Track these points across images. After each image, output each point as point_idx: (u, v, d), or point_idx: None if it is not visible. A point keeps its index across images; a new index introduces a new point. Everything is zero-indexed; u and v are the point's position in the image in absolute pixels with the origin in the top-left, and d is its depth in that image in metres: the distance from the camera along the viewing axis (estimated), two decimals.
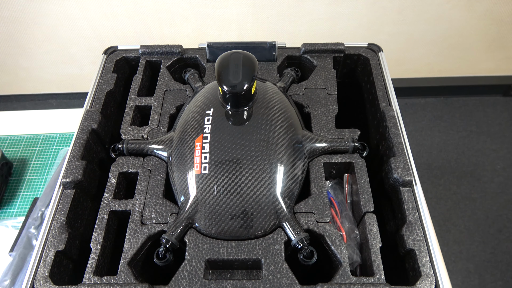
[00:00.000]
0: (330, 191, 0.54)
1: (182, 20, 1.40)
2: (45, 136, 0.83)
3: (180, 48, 0.67)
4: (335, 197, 0.53)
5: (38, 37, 1.48)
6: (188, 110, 0.57)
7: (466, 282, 1.27)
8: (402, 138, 0.54)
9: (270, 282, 0.43)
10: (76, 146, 0.54)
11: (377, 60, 0.65)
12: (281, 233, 0.47)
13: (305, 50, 0.66)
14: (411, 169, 0.51)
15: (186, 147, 0.51)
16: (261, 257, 0.45)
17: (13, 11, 1.37)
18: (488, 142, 1.61)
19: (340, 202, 0.52)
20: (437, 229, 0.47)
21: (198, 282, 0.43)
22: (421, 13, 1.40)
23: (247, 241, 0.46)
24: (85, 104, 0.61)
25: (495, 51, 1.60)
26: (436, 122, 1.70)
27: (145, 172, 0.52)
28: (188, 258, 0.45)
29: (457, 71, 1.70)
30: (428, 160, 1.58)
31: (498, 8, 1.39)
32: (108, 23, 1.41)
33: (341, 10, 1.37)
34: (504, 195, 1.46)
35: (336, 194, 0.54)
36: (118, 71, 0.67)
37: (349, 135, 0.55)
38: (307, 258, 0.44)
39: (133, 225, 0.48)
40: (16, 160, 0.79)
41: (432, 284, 0.42)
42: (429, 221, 0.47)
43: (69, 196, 0.50)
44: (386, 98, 0.60)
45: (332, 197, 0.53)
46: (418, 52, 1.59)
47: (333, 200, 0.52)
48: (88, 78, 0.64)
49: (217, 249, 0.45)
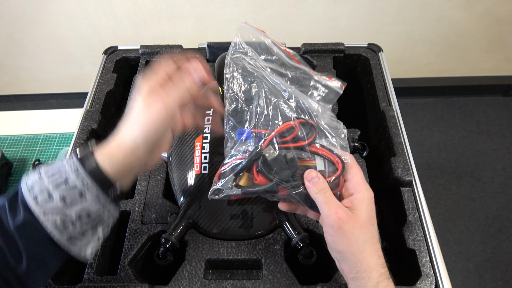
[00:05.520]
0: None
1: (182, 20, 1.40)
2: (45, 136, 0.83)
3: (180, 48, 0.67)
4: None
5: (38, 37, 1.48)
6: None
7: (466, 282, 1.27)
8: (402, 138, 0.54)
9: (270, 282, 0.43)
10: (76, 146, 0.54)
11: (377, 60, 0.65)
12: (281, 233, 0.47)
13: (305, 50, 0.66)
14: (411, 169, 0.51)
15: (186, 147, 0.51)
16: (261, 257, 0.45)
17: (13, 11, 1.37)
18: (488, 142, 1.61)
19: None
20: (437, 229, 0.47)
21: (198, 282, 0.43)
22: (421, 13, 1.40)
23: (247, 241, 0.46)
24: (85, 104, 0.61)
25: (495, 51, 1.59)
26: (436, 122, 1.70)
27: (145, 172, 0.52)
28: (188, 258, 0.45)
29: (457, 71, 1.70)
30: (428, 160, 1.57)
31: (498, 8, 1.39)
32: (108, 23, 1.41)
33: (341, 10, 1.37)
34: (504, 195, 1.46)
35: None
36: (118, 71, 0.67)
37: (349, 135, 0.55)
38: (307, 258, 0.44)
39: (133, 225, 0.48)
40: (16, 160, 0.79)
41: (432, 284, 0.42)
42: (429, 221, 0.47)
43: None
44: (386, 98, 0.60)
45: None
46: (418, 52, 1.59)
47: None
48: (88, 78, 0.64)
49: (217, 249, 0.45)
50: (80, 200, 0.32)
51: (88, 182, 0.32)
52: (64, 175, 0.33)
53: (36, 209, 0.31)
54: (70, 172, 0.33)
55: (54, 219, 0.31)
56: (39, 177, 0.33)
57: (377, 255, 0.35)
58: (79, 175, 0.32)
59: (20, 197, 0.32)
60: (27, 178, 0.33)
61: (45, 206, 0.31)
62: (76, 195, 0.32)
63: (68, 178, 0.32)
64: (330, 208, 0.35)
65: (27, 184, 0.32)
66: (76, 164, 0.33)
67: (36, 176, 0.33)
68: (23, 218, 0.31)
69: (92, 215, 0.33)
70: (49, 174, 0.33)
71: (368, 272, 0.34)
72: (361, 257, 0.34)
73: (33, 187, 0.32)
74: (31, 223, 0.31)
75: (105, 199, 0.33)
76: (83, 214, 0.32)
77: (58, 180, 0.32)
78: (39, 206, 0.31)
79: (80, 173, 0.33)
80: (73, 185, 0.32)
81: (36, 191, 0.32)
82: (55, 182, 0.32)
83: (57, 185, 0.32)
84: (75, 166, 0.33)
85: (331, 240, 0.35)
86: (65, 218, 0.32)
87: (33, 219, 0.31)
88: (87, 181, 0.32)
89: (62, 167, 0.33)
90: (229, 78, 0.39)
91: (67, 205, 0.32)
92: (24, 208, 0.31)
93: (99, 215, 0.34)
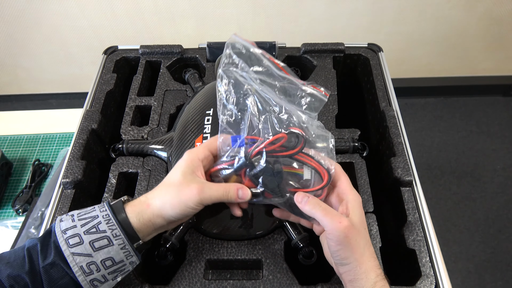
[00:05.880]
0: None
1: (182, 20, 1.40)
2: (45, 136, 0.83)
3: (180, 48, 0.67)
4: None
5: (38, 37, 1.48)
6: (188, 110, 0.57)
7: (466, 282, 1.27)
8: (402, 138, 0.54)
9: (270, 282, 0.43)
10: (76, 146, 0.54)
11: (377, 60, 0.65)
12: (281, 233, 0.47)
13: (305, 50, 0.66)
14: (411, 169, 0.51)
15: (186, 147, 0.51)
16: (261, 257, 0.45)
17: (13, 11, 1.37)
18: (488, 142, 1.61)
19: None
20: (437, 229, 0.47)
21: (198, 282, 0.43)
22: (421, 13, 1.40)
23: (247, 241, 0.46)
24: (85, 104, 0.61)
25: (495, 51, 1.60)
26: (436, 122, 1.70)
27: (145, 172, 0.52)
28: (188, 258, 0.45)
29: (457, 71, 1.70)
30: (428, 160, 1.57)
31: (498, 8, 1.39)
32: (108, 23, 1.41)
33: (341, 10, 1.37)
34: (504, 195, 1.46)
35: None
36: (118, 71, 0.67)
37: (349, 135, 0.55)
38: (307, 258, 0.44)
39: None
40: (16, 160, 0.79)
41: (432, 284, 0.42)
42: (429, 221, 0.47)
43: (69, 196, 0.50)
44: (386, 98, 0.60)
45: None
46: (418, 52, 1.59)
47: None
48: (88, 78, 0.64)
49: (217, 249, 0.45)
50: (107, 246, 0.34)
51: (117, 230, 0.35)
52: (96, 221, 0.35)
53: (66, 251, 0.34)
54: (102, 219, 0.35)
55: (81, 262, 0.34)
56: (72, 219, 0.36)
57: (373, 258, 0.37)
58: (109, 222, 0.35)
59: (53, 238, 0.35)
60: (61, 221, 0.36)
61: (75, 249, 0.34)
62: (105, 241, 0.34)
63: (99, 225, 0.35)
64: (332, 219, 0.35)
65: (60, 226, 0.35)
66: (108, 212, 0.36)
67: (69, 220, 0.36)
68: (53, 258, 0.34)
69: (116, 263, 0.35)
70: (81, 217, 0.36)
71: (366, 273, 0.35)
72: (361, 261, 0.35)
73: (67, 231, 0.35)
74: (59, 265, 0.34)
75: (130, 248, 0.35)
76: (108, 261, 0.34)
77: (89, 225, 0.35)
78: (70, 248, 0.34)
79: (111, 221, 0.35)
80: (102, 230, 0.35)
81: (68, 234, 0.34)
82: (87, 227, 0.35)
83: (88, 230, 0.35)
84: (107, 213, 0.36)
85: (336, 249, 0.36)
86: (91, 262, 0.34)
87: (61, 261, 0.34)
88: (116, 228, 0.35)
89: (94, 213, 0.36)
90: (221, 90, 0.40)
91: (94, 250, 0.34)
92: (55, 249, 0.34)
93: (122, 263, 0.35)
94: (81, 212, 0.37)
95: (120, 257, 0.35)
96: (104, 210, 0.36)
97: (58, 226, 0.35)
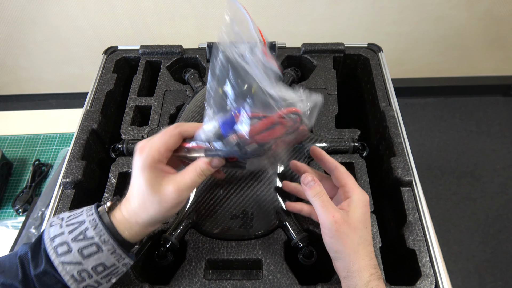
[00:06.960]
0: None
1: (182, 20, 1.40)
2: (45, 136, 0.83)
3: (180, 48, 0.67)
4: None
5: (38, 37, 1.48)
6: (188, 110, 0.57)
7: (466, 282, 1.27)
8: (402, 138, 0.54)
9: (270, 282, 0.43)
10: (76, 146, 0.54)
11: (377, 60, 0.65)
12: (281, 233, 0.47)
13: (305, 50, 0.66)
14: (411, 169, 0.51)
15: None
16: (261, 257, 0.45)
17: (13, 11, 1.37)
18: (488, 142, 1.61)
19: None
20: (437, 229, 0.47)
21: (198, 282, 0.43)
22: (421, 13, 1.40)
23: (247, 241, 0.46)
24: (85, 104, 0.61)
25: (495, 51, 1.60)
26: (436, 122, 1.70)
27: None
28: (188, 258, 0.45)
29: (457, 71, 1.70)
30: (428, 160, 1.58)
31: (498, 8, 1.39)
32: (108, 23, 1.41)
33: (341, 10, 1.37)
34: (504, 195, 1.46)
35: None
36: (118, 71, 0.67)
37: (349, 135, 0.55)
38: (307, 258, 0.44)
39: None
40: (16, 160, 0.79)
41: (432, 284, 0.42)
42: (429, 221, 0.47)
43: (69, 196, 0.50)
44: (386, 98, 0.60)
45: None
46: (418, 52, 1.59)
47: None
48: (88, 78, 0.64)
49: (217, 249, 0.45)
50: (96, 253, 0.34)
51: (105, 236, 0.34)
52: (83, 226, 0.34)
53: (55, 260, 0.33)
54: (89, 225, 0.34)
55: (72, 271, 0.33)
56: (60, 224, 0.35)
57: (369, 257, 0.37)
58: (97, 228, 0.34)
59: (43, 246, 0.34)
60: (50, 226, 0.35)
61: (64, 258, 0.33)
62: (93, 248, 0.34)
63: (87, 231, 0.34)
64: (327, 211, 0.37)
65: (49, 233, 0.34)
66: (95, 217, 0.35)
67: (58, 225, 0.35)
68: (44, 267, 0.33)
69: (108, 267, 0.34)
70: (69, 223, 0.35)
71: (359, 272, 0.36)
72: (354, 258, 0.36)
73: (55, 238, 0.34)
74: (50, 273, 0.33)
75: (120, 252, 0.35)
76: (99, 267, 0.34)
77: (77, 232, 0.34)
78: (59, 257, 0.33)
79: (98, 227, 0.34)
80: (90, 237, 0.34)
81: (56, 242, 0.34)
82: (74, 234, 0.34)
83: (75, 237, 0.34)
84: (93, 217, 0.35)
85: (329, 241, 0.37)
86: (82, 270, 0.33)
87: (52, 269, 0.33)
88: (104, 234, 0.34)
89: (81, 218, 0.35)
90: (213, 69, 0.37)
91: (84, 258, 0.33)
92: (45, 257, 0.33)
93: (115, 267, 0.35)
94: (70, 215, 0.36)
95: (111, 262, 0.34)
96: (91, 214, 0.35)
97: (47, 233, 0.35)
